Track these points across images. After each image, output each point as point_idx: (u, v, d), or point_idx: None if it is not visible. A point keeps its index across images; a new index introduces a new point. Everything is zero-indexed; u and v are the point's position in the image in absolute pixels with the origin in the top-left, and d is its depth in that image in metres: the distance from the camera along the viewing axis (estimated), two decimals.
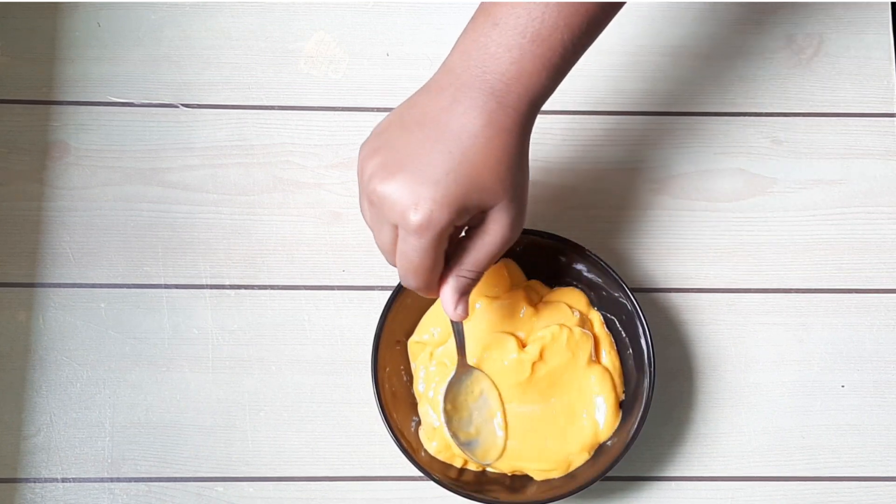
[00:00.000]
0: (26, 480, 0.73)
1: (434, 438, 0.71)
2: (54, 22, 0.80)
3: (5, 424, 0.73)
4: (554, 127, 0.79)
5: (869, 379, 0.77)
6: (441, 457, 0.71)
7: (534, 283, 0.74)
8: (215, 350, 0.75)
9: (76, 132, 0.78)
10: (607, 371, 0.72)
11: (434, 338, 0.72)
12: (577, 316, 0.72)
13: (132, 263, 0.76)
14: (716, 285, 0.78)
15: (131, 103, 0.79)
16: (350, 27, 0.81)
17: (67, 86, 0.78)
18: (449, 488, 0.68)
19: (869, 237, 0.79)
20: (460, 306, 0.62)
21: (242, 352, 0.75)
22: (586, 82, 0.80)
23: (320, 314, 0.76)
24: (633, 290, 0.71)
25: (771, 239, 0.78)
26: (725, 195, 0.79)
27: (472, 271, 0.61)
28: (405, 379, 0.73)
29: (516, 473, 0.71)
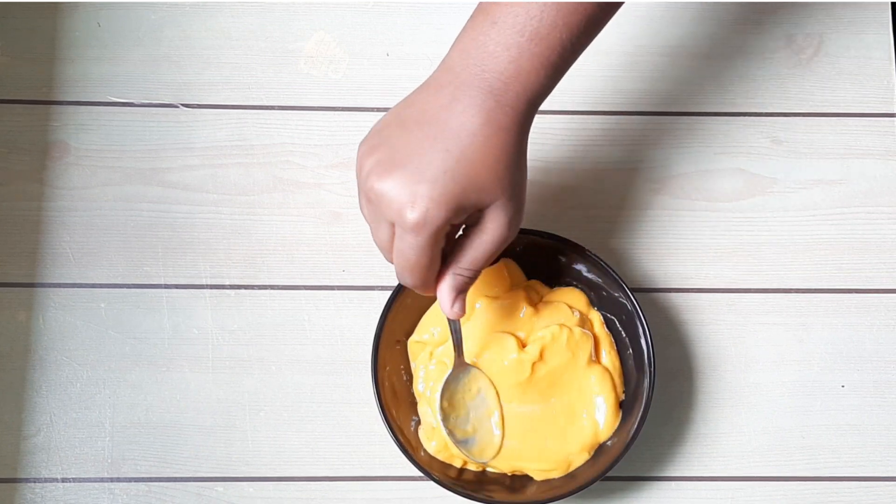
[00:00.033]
0: (26, 480, 0.73)
1: (433, 438, 0.71)
2: (54, 22, 0.80)
3: (5, 424, 0.73)
4: (554, 127, 0.79)
5: (869, 379, 0.77)
6: (440, 456, 0.71)
7: (534, 283, 0.74)
8: (215, 350, 0.75)
9: (76, 132, 0.78)
10: (607, 371, 0.72)
11: (434, 337, 0.72)
12: (577, 316, 0.72)
13: (132, 263, 0.76)
14: (716, 285, 0.78)
15: (131, 103, 0.79)
16: (350, 27, 0.81)
17: (67, 86, 0.78)
18: (449, 488, 0.68)
19: (869, 237, 0.79)
20: (457, 304, 0.62)
21: (242, 352, 0.75)
22: (586, 82, 0.80)
23: (320, 314, 0.76)
24: (633, 290, 0.71)
25: (771, 239, 0.78)
26: (725, 195, 0.79)
27: (470, 270, 0.61)
28: (405, 378, 0.73)
29: (516, 473, 0.71)
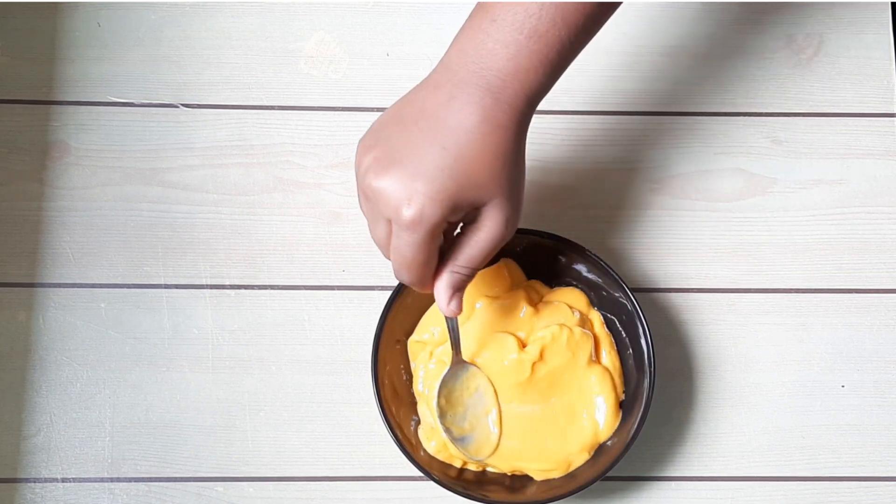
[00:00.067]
0: (26, 480, 0.73)
1: (433, 438, 0.70)
2: (54, 22, 0.80)
3: (5, 424, 0.73)
4: (554, 127, 0.79)
5: (869, 379, 0.77)
6: (440, 456, 0.71)
7: (534, 283, 0.74)
8: (215, 350, 0.75)
9: (76, 132, 0.78)
10: (607, 371, 0.72)
11: (434, 337, 0.72)
12: (578, 316, 0.72)
13: (132, 263, 0.76)
14: (716, 285, 0.78)
15: (131, 103, 0.79)
16: (350, 27, 0.81)
17: (67, 86, 0.78)
18: (449, 488, 0.68)
19: (869, 237, 0.79)
20: (453, 302, 0.62)
21: (242, 352, 0.75)
22: (586, 82, 0.80)
23: (320, 314, 0.76)
24: (633, 290, 0.71)
25: (771, 239, 0.78)
26: (725, 195, 0.79)
27: (466, 268, 0.61)
28: (405, 378, 0.73)
29: (516, 473, 0.71)
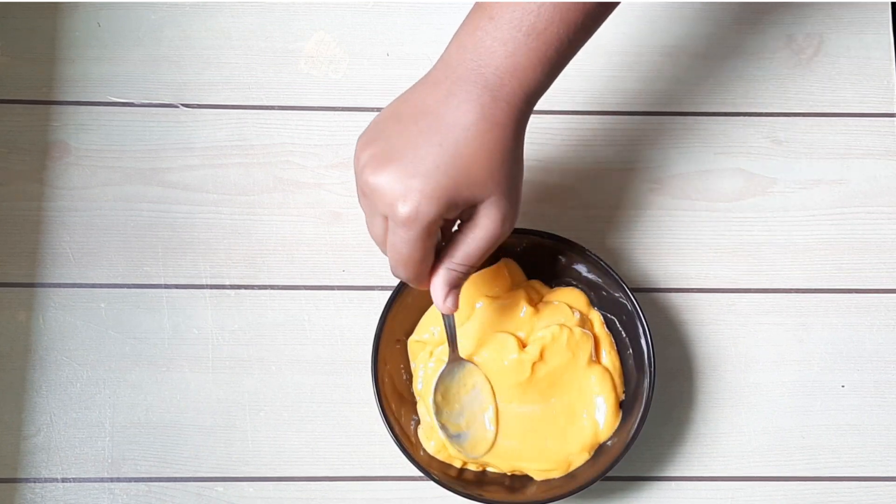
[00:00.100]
0: (26, 480, 0.73)
1: (432, 438, 0.70)
2: (54, 22, 0.80)
3: (5, 424, 0.73)
4: (554, 127, 0.79)
5: (869, 379, 0.77)
6: (440, 456, 0.71)
7: (534, 283, 0.74)
8: (215, 350, 0.75)
9: (76, 132, 0.78)
10: (607, 371, 0.72)
11: (434, 337, 0.72)
12: (578, 316, 0.72)
13: (132, 263, 0.76)
14: (716, 285, 0.78)
15: (131, 103, 0.79)
16: (350, 27, 0.81)
17: (67, 86, 0.78)
18: (448, 488, 0.68)
19: (869, 237, 0.79)
20: (449, 299, 0.62)
21: (242, 352, 0.75)
22: (586, 82, 0.80)
23: (320, 314, 0.76)
24: (633, 290, 0.71)
25: (771, 239, 0.78)
26: (725, 195, 0.79)
27: (463, 265, 0.61)
28: (405, 378, 0.73)
29: (516, 473, 0.71)
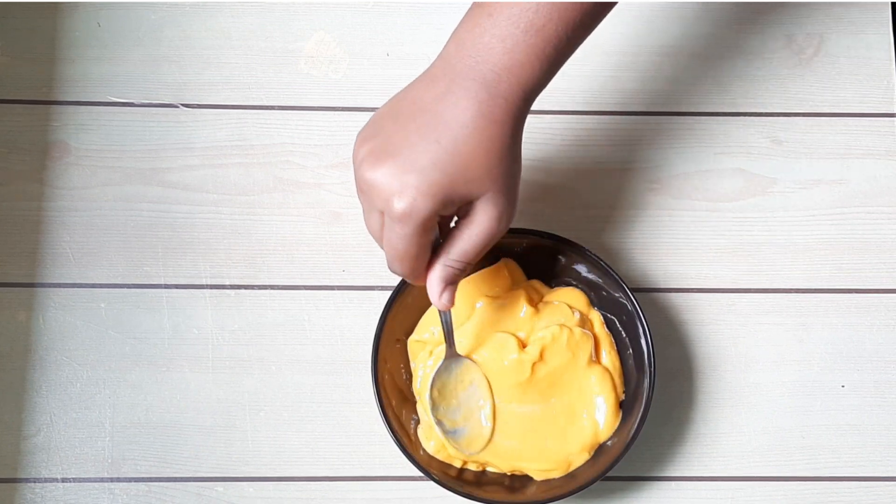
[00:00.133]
0: (26, 480, 0.73)
1: (432, 437, 0.70)
2: (54, 22, 0.80)
3: (5, 424, 0.73)
4: (554, 127, 0.79)
5: (869, 379, 0.77)
6: (440, 456, 0.71)
7: (534, 283, 0.74)
8: (215, 350, 0.75)
9: (76, 132, 0.78)
10: (607, 371, 0.72)
11: (434, 336, 0.72)
12: (578, 316, 0.72)
13: (132, 263, 0.76)
14: (716, 285, 0.78)
15: (131, 103, 0.79)
16: (350, 27, 0.81)
17: (67, 86, 0.78)
18: (448, 488, 0.68)
19: (869, 237, 0.79)
20: (445, 295, 0.62)
21: (242, 352, 0.75)
22: (586, 82, 0.80)
23: (320, 314, 0.76)
24: (633, 290, 0.71)
25: (771, 239, 0.78)
26: (725, 195, 0.79)
27: (459, 261, 0.61)
28: (405, 378, 0.73)
29: (516, 473, 0.71)
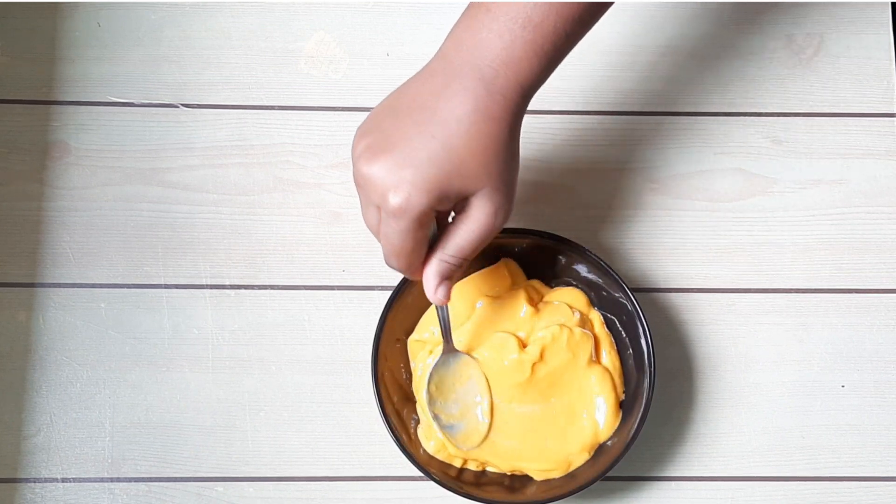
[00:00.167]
0: (26, 480, 0.73)
1: (432, 437, 0.70)
2: (54, 22, 0.80)
3: (5, 424, 0.73)
4: (554, 127, 0.79)
5: (869, 379, 0.77)
6: (440, 456, 0.71)
7: (534, 283, 0.74)
8: (215, 350, 0.75)
9: (76, 132, 0.78)
10: (607, 371, 0.72)
11: (434, 336, 0.72)
12: (578, 316, 0.72)
13: (132, 263, 0.76)
14: (716, 285, 0.78)
15: (131, 103, 0.79)
16: (350, 27, 0.81)
17: (67, 86, 0.78)
18: (448, 488, 0.68)
19: (869, 237, 0.79)
20: (440, 290, 0.62)
21: (242, 352, 0.75)
22: (586, 82, 0.80)
23: (320, 314, 0.76)
24: (634, 290, 0.71)
25: (771, 239, 0.78)
26: (725, 195, 0.79)
27: (455, 257, 0.61)
28: (405, 377, 0.73)
29: (516, 473, 0.71)
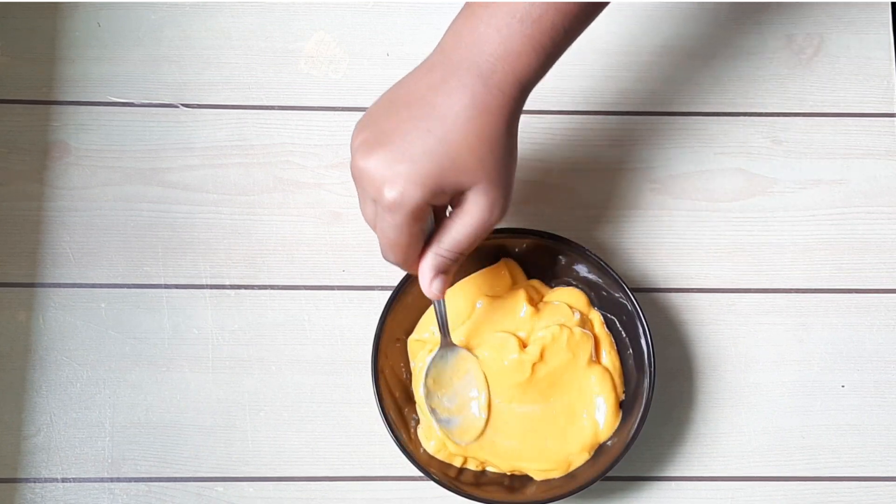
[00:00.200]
0: (26, 480, 0.73)
1: (432, 437, 0.70)
2: (54, 22, 0.80)
3: (5, 424, 0.73)
4: (554, 127, 0.79)
5: (869, 379, 0.77)
6: (440, 456, 0.71)
7: (534, 283, 0.74)
8: (215, 350, 0.75)
9: (76, 132, 0.78)
10: (607, 371, 0.72)
11: (434, 336, 0.72)
12: (578, 316, 0.72)
13: (132, 263, 0.76)
14: (716, 285, 0.78)
15: (131, 103, 0.79)
16: (350, 27, 0.81)
17: (67, 86, 0.78)
18: (448, 488, 0.68)
19: (869, 237, 0.79)
20: (435, 284, 0.62)
21: (242, 352, 0.75)
22: (586, 82, 0.80)
23: (320, 314, 0.76)
24: (633, 290, 0.71)
25: (771, 239, 0.78)
26: (725, 195, 0.79)
27: (450, 251, 0.61)
28: (405, 377, 0.73)
29: (516, 473, 0.71)
